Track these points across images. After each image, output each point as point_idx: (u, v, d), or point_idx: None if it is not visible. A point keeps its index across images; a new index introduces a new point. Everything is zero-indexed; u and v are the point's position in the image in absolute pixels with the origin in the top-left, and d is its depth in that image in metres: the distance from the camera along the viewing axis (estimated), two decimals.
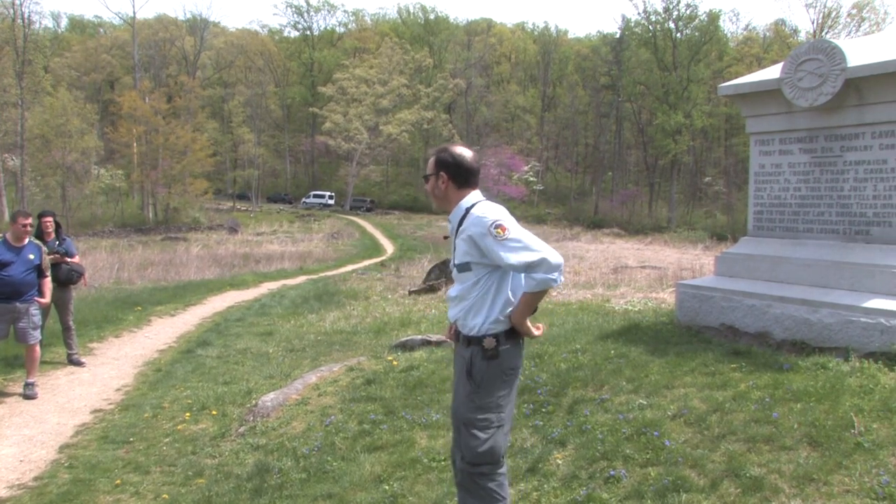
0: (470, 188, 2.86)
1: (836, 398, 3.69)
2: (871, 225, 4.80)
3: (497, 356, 2.72)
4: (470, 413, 2.73)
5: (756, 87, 5.35)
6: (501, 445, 2.77)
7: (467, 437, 2.74)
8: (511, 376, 2.78)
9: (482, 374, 2.72)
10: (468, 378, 2.74)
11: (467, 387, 2.75)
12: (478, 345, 2.73)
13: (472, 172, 2.85)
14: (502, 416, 2.75)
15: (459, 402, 2.79)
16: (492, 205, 2.76)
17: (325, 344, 8.60)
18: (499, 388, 2.73)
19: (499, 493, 2.75)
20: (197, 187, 47.37)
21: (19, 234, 6.50)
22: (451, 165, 2.83)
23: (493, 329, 2.72)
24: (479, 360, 2.72)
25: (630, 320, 6.42)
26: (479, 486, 2.73)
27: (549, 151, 70.00)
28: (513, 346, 2.76)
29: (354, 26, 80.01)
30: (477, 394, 2.73)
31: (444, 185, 2.84)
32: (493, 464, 2.74)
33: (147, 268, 20.08)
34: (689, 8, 55.77)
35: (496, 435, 2.73)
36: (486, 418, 2.72)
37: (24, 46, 41.27)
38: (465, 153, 2.87)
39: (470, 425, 2.73)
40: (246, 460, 4.67)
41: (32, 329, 6.49)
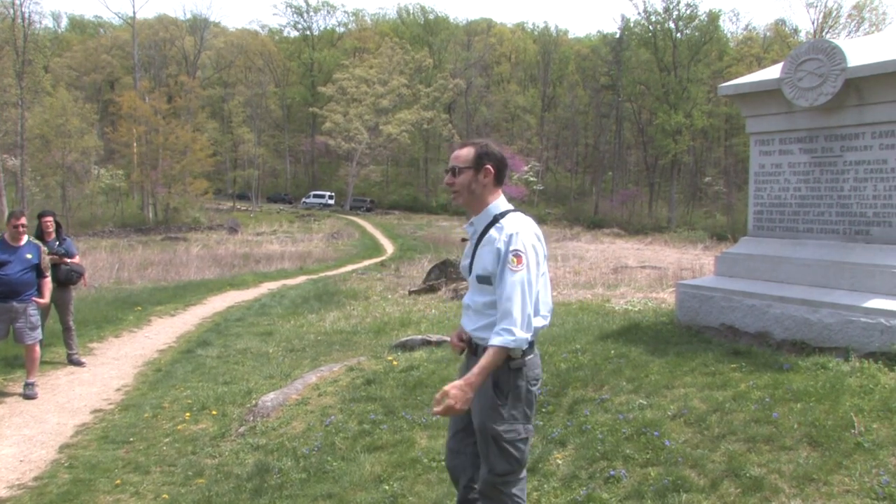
0: (501, 186, 2.79)
1: (836, 398, 3.69)
2: (871, 225, 4.80)
3: (523, 366, 2.65)
4: (499, 425, 2.64)
5: (756, 87, 5.35)
6: (527, 455, 2.76)
7: (495, 451, 2.66)
8: (535, 384, 2.72)
9: (511, 386, 2.64)
10: (495, 391, 2.64)
11: (495, 400, 2.65)
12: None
13: (507, 168, 2.79)
14: (530, 427, 2.72)
15: (485, 416, 2.67)
16: (526, 222, 2.66)
17: (325, 344, 8.60)
18: (525, 399, 2.68)
19: (520, 496, 2.75)
20: (197, 187, 47.37)
21: (14, 233, 6.50)
22: (497, 158, 2.74)
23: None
24: (504, 372, 2.62)
25: (630, 320, 6.41)
26: (504, 493, 2.70)
27: (549, 151, 69.99)
28: (535, 356, 2.72)
29: (354, 26, 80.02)
30: (505, 406, 2.64)
31: (488, 178, 2.72)
32: (518, 471, 2.74)
33: (147, 268, 20.08)
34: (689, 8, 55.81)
35: (526, 447, 2.71)
36: (515, 430, 2.66)
37: (24, 46, 41.24)
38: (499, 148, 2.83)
39: (500, 439, 2.65)
40: (246, 460, 4.67)
41: (30, 329, 6.48)
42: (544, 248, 2.74)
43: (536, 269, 2.59)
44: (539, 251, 2.64)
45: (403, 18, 76.69)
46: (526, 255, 2.55)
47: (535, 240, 2.64)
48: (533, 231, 2.65)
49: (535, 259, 2.59)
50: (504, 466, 2.67)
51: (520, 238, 2.57)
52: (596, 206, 58.44)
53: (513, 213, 2.70)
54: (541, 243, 2.67)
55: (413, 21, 75.26)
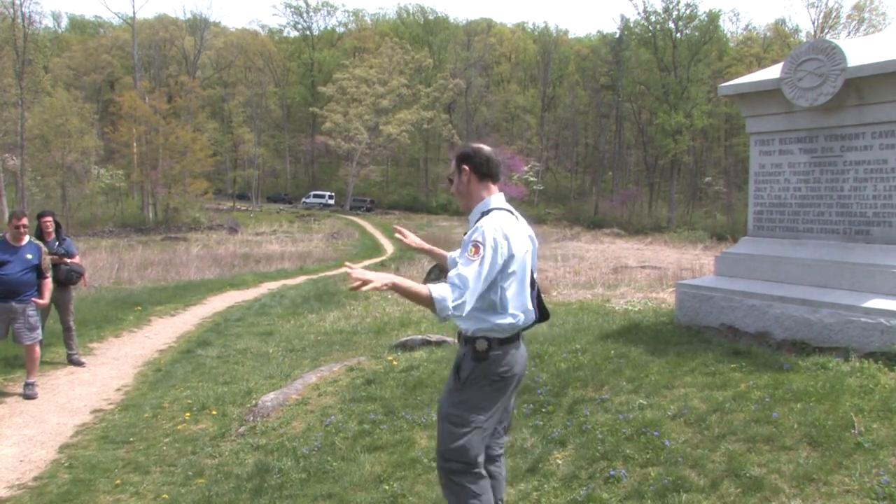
0: (491, 181, 2.88)
1: (836, 398, 3.69)
2: (871, 225, 4.80)
3: (486, 359, 2.76)
4: (450, 408, 2.82)
5: (756, 87, 5.35)
6: (475, 448, 2.78)
7: (443, 430, 2.83)
8: (498, 381, 2.79)
9: (468, 373, 2.79)
10: (455, 375, 2.84)
11: (453, 383, 2.85)
12: (471, 345, 2.79)
13: (492, 162, 2.87)
14: (481, 418, 2.78)
15: (444, 396, 2.91)
16: (496, 221, 2.72)
17: (325, 344, 8.61)
18: (481, 390, 2.78)
19: (472, 489, 2.77)
20: (197, 187, 47.37)
21: (15, 234, 6.50)
22: (471, 157, 2.87)
23: (488, 334, 2.77)
24: (468, 359, 2.79)
25: (630, 320, 6.42)
26: (452, 481, 2.80)
27: (549, 151, 69.98)
28: (503, 353, 2.79)
29: (354, 26, 79.98)
30: (460, 391, 2.81)
31: (468, 177, 2.86)
32: (465, 463, 2.77)
33: (147, 268, 20.08)
34: (688, 8, 55.78)
35: (471, 435, 2.77)
36: (462, 415, 2.78)
37: (24, 46, 41.25)
38: (484, 147, 2.93)
39: (447, 419, 2.81)
40: (246, 460, 4.67)
41: (28, 330, 6.47)
42: (524, 249, 2.80)
43: (491, 263, 2.64)
44: (502, 249, 2.67)
45: (403, 18, 76.63)
46: (483, 248, 2.62)
47: (502, 238, 2.68)
48: (502, 229, 2.70)
49: (491, 255, 2.63)
50: (448, 447, 2.78)
51: (483, 232, 2.65)
52: (596, 206, 58.44)
53: (495, 212, 2.77)
54: (508, 242, 2.69)
55: (413, 21, 75.22)
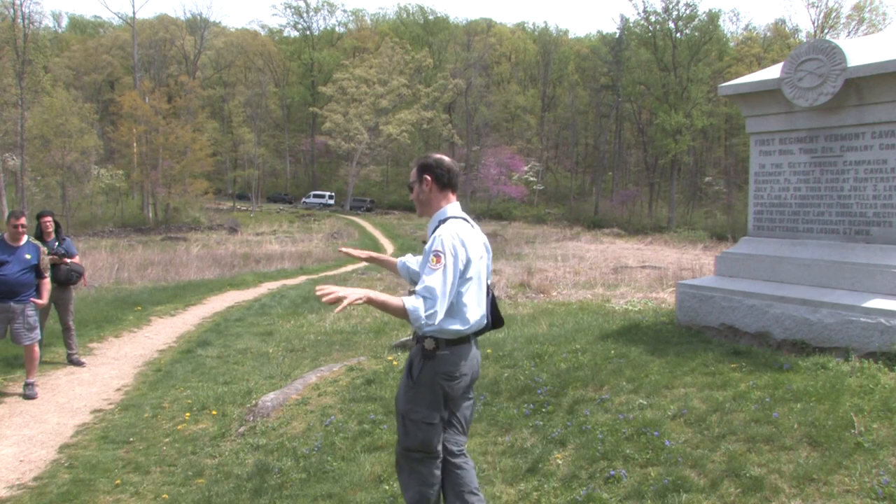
0: (450, 190, 3.04)
1: (836, 398, 3.69)
2: (871, 225, 4.80)
3: (433, 358, 2.89)
4: (405, 405, 2.97)
5: (756, 87, 5.35)
6: (435, 439, 2.96)
7: (401, 427, 3.00)
8: (447, 380, 2.91)
9: (419, 371, 2.93)
10: (408, 373, 2.98)
11: (406, 381, 2.99)
12: (421, 343, 2.93)
13: (452, 173, 3.04)
14: (436, 414, 2.93)
15: (399, 393, 3.05)
16: (453, 229, 2.87)
17: (325, 344, 8.61)
18: (433, 388, 2.91)
19: (429, 479, 2.97)
20: (197, 187, 47.38)
21: (13, 233, 6.49)
22: (433, 167, 3.02)
23: (436, 334, 2.88)
24: (419, 357, 2.93)
25: (630, 320, 6.42)
26: (412, 468, 2.98)
27: (549, 151, 69.98)
28: (451, 354, 2.90)
29: (354, 26, 79.96)
30: (412, 389, 2.95)
31: (429, 187, 3.01)
32: (427, 452, 2.96)
33: (147, 268, 20.08)
34: (688, 8, 55.71)
35: (429, 430, 2.93)
36: (418, 412, 2.92)
37: (24, 46, 41.24)
38: (446, 158, 3.08)
39: (405, 417, 2.96)
40: (246, 460, 4.67)
41: (27, 330, 6.46)
42: (478, 255, 2.93)
43: (454, 270, 2.79)
44: (461, 255, 2.82)
45: (403, 19, 76.63)
46: (444, 256, 2.78)
47: (460, 245, 2.83)
48: (459, 236, 2.85)
49: (452, 262, 2.79)
50: (409, 442, 2.96)
51: (441, 241, 2.80)
52: (596, 206, 58.43)
53: (451, 220, 2.94)
54: (465, 248, 2.84)
55: (413, 21, 75.21)
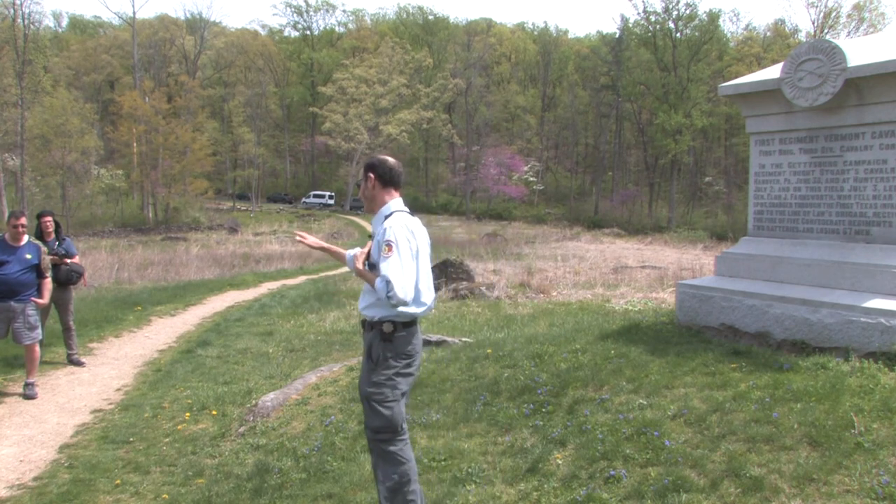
0: (393, 188, 3.34)
1: (836, 398, 3.69)
2: (872, 225, 4.80)
3: (392, 340, 3.16)
4: (369, 388, 3.18)
5: (756, 87, 5.35)
6: (399, 417, 3.18)
7: (368, 410, 3.20)
8: (405, 358, 3.20)
9: (378, 354, 3.17)
10: (368, 357, 3.20)
11: (367, 365, 3.21)
12: (378, 328, 3.17)
13: (395, 172, 3.33)
14: (398, 392, 3.18)
15: (362, 378, 3.26)
16: (400, 221, 3.17)
17: (325, 344, 8.61)
18: (392, 368, 3.16)
19: (402, 455, 3.17)
20: (197, 187, 47.39)
21: (13, 233, 6.49)
22: (376, 167, 3.33)
23: (394, 318, 3.16)
24: (377, 342, 3.17)
25: (630, 320, 6.42)
26: (384, 450, 3.17)
27: (549, 151, 69.99)
28: (408, 335, 3.21)
29: (354, 26, 79.93)
30: (374, 371, 3.17)
31: (372, 184, 3.32)
32: (393, 432, 3.16)
33: (147, 268, 20.08)
34: (688, 7, 55.73)
35: (394, 408, 3.16)
36: (381, 393, 3.15)
37: (24, 46, 41.24)
38: (389, 158, 3.38)
39: (369, 399, 3.17)
40: (246, 460, 4.67)
41: (28, 330, 6.46)
42: (425, 243, 3.26)
43: (409, 254, 3.11)
44: (412, 243, 3.14)
45: (403, 19, 76.60)
46: (396, 244, 3.07)
47: (409, 233, 3.15)
48: (407, 227, 3.16)
49: (406, 247, 3.11)
50: (375, 423, 3.16)
51: (393, 231, 3.11)
52: (596, 206, 58.43)
53: (397, 214, 3.24)
54: (414, 237, 3.17)
55: (413, 21, 75.18)
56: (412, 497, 3.16)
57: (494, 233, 40.01)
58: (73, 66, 62.87)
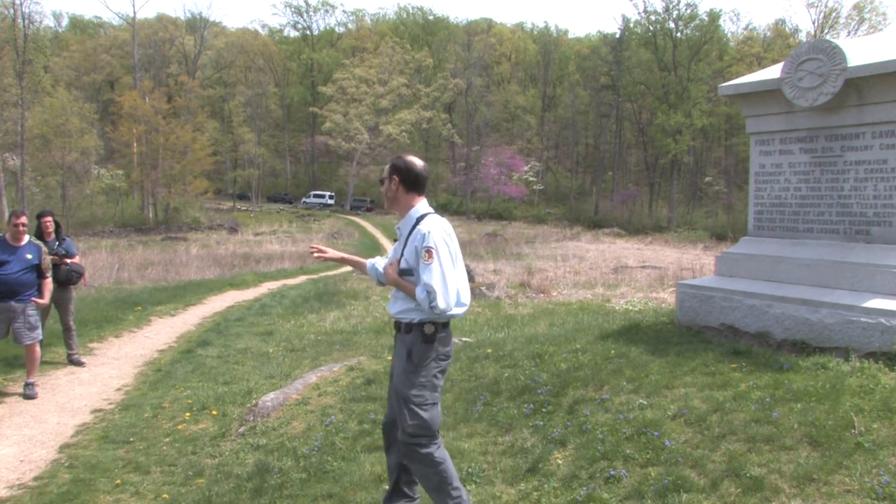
0: (418, 193, 3.24)
1: (837, 398, 3.69)
2: (872, 225, 4.80)
3: (434, 341, 3.13)
4: (408, 390, 3.12)
5: (756, 87, 5.35)
6: (436, 420, 3.15)
7: (406, 413, 3.12)
8: (444, 359, 3.20)
9: (420, 356, 3.12)
10: (408, 359, 3.13)
11: (406, 367, 3.14)
12: (419, 331, 3.12)
13: (420, 178, 3.22)
14: (436, 394, 3.16)
15: (398, 380, 3.18)
16: (437, 224, 3.12)
17: (326, 344, 8.60)
18: (433, 369, 3.14)
19: (437, 456, 3.12)
20: (197, 187, 47.39)
21: (14, 233, 6.49)
22: (402, 170, 3.22)
23: (434, 319, 3.12)
24: (418, 344, 3.12)
25: (630, 320, 6.41)
26: (419, 453, 3.11)
27: (549, 151, 69.98)
28: (446, 335, 3.20)
29: (354, 26, 79.93)
30: (415, 373, 3.12)
31: (396, 186, 3.22)
32: (430, 436, 3.11)
33: (147, 268, 20.08)
34: (689, 7, 55.73)
35: (432, 411, 3.12)
36: (421, 395, 3.11)
37: (24, 46, 41.25)
38: (416, 161, 3.26)
39: (408, 401, 3.11)
40: (246, 460, 4.67)
41: (28, 330, 6.46)
42: (456, 244, 3.20)
43: (449, 260, 3.08)
44: (451, 246, 3.12)
45: (403, 19, 76.61)
46: (436, 250, 3.03)
47: (446, 237, 3.12)
48: (443, 230, 3.12)
49: (446, 252, 3.07)
50: (412, 426, 3.10)
51: (432, 236, 3.05)
52: (596, 205, 58.43)
53: (429, 216, 3.17)
54: (451, 240, 3.14)
55: (413, 21, 75.19)
56: (457, 494, 3.12)
57: (494, 233, 40.00)
58: (73, 66, 62.86)
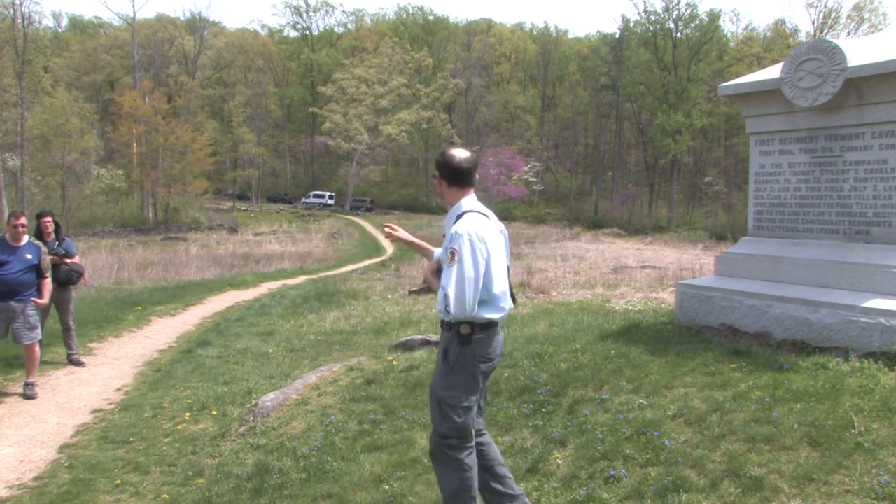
0: (461, 187, 3.09)
1: (836, 398, 3.69)
2: (872, 225, 4.80)
3: (470, 342, 2.97)
4: (443, 391, 3.01)
5: (756, 87, 5.35)
6: (470, 424, 3.02)
7: (439, 413, 3.03)
8: (483, 363, 3.02)
9: (455, 357, 2.99)
10: (444, 359, 3.02)
11: (443, 367, 3.03)
12: (455, 329, 2.98)
13: (459, 172, 3.07)
14: (472, 398, 3.02)
15: (434, 379, 3.09)
16: (471, 222, 2.95)
17: (325, 344, 8.60)
18: (469, 372, 2.99)
19: (466, 463, 3.01)
20: (197, 187, 47.39)
21: (14, 233, 6.50)
22: (442, 165, 3.11)
23: (472, 320, 2.96)
24: (454, 344, 2.99)
25: (630, 320, 6.41)
26: (449, 456, 3.01)
27: (549, 151, 69.96)
28: (486, 336, 3.01)
29: (353, 26, 79.94)
30: (450, 374, 3.01)
31: (439, 181, 3.13)
32: (461, 438, 3.01)
33: (147, 268, 20.09)
34: (689, 8, 55.75)
35: (466, 415, 3.00)
36: (455, 397, 2.98)
37: (24, 46, 41.25)
38: (457, 153, 3.10)
39: (442, 402, 3.01)
40: (246, 460, 4.67)
41: (27, 330, 6.46)
42: (498, 246, 3.01)
43: (473, 263, 2.87)
44: (479, 249, 2.90)
45: (403, 19, 76.59)
46: (460, 253, 2.87)
47: (477, 238, 2.91)
48: (476, 232, 2.92)
49: (471, 255, 2.87)
50: (444, 428, 3.00)
51: (458, 238, 2.89)
52: (596, 206, 58.43)
53: (467, 215, 3.00)
54: (483, 242, 2.91)
55: (413, 21, 75.18)
56: None
57: None
58: (73, 66, 62.87)
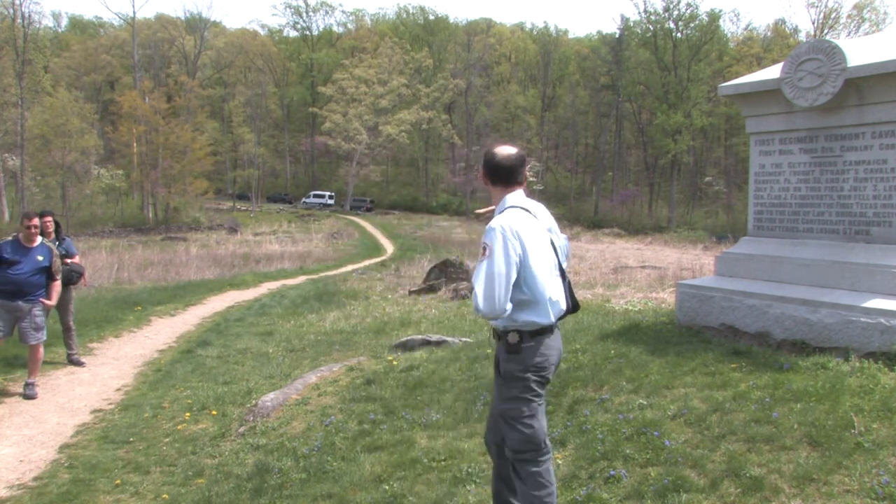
0: (505, 185, 2.99)
1: (836, 398, 3.69)
2: (871, 225, 4.80)
3: (519, 351, 2.85)
4: (502, 404, 2.92)
5: (756, 87, 5.35)
6: (540, 431, 2.88)
7: (505, 428, 2.92)
8: (537, 371, 2.88)
9: (506, 368, 2.89)
10: (497, 371, 2.96)
11: (497, 380, 2.97)
12: (504, 339, 2.89)
13: (500, 169, 2.97)
14: (533, 405, 2.87)
15: (495, 394, 3.02)
16: (507, 217, 2.84)
17: (325, 344, 8.60)
18: (524, 382, 2.86)
19: (545, 478, 2.87)
20: (197, 187, 47.38)
21: (26, 234, 6.51)
22: (483, 164, 3.04)
23: (520, 327, 2.85)
24: (503, 354, 2.90)
25: (630, 320, 6.41)
26: (526, 471, 2.88)
27: (549, 151, 69.96)
28: (537, 344, 2.87)
29: (353, 26, 79.92)
30: (504, 386, 2.91)
31: (483, 179, 3.05)
32: (535, 450, 2.87)
33: (147, 268, 20.08)
34: (689, 8, 55.76)
35: (532, 422, 2.86)
36: (516, 409, 2.87)
37: (24, 46, 41.26)
38: (499, 151, 3.01)
39: (505, 416, 2.90)
40: (246, 460, 4.67)
41: (34, 330, 6.48)
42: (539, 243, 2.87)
43: (504, 259, 2.74)
44: (512, 244, 2.76)
45: (403, 19, 76.56)
46: (491, 248, 2.76)
47: (511, 234, 2.78)
48: (511, 227, 2.80)
49: (503, 252, 2.75)
50: (515, 441, 2.88)
51: (490, 232, 2.80)
52: (596, 206, 58.43)
53: (508, 210, 2.90)
54: (517, 238, 2.78)
55: (413, 21, 75.14)
56: None
57: None
58: (73, 66, 62.87)
